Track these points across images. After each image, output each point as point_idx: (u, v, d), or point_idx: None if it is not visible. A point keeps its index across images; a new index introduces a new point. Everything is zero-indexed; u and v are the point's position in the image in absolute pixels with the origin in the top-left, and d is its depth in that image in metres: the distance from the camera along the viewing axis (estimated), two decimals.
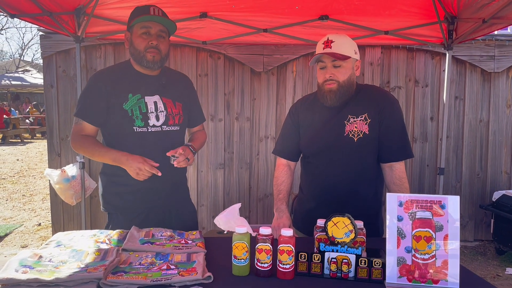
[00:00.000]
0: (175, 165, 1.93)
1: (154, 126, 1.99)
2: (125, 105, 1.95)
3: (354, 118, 1.94)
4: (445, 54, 3.48)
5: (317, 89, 2.01)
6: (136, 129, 1.96)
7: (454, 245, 1.35)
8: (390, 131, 1.94)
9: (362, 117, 1.93)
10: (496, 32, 4.28)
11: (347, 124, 1.93)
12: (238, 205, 1.59)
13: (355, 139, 1.91)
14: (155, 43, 1.96)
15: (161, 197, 2.06)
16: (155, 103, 2.00)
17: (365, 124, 1.91)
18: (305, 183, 2.16)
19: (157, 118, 1.99)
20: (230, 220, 1.53)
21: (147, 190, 2.02)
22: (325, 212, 1.61)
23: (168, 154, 1.92)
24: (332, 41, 1.88)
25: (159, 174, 1.88)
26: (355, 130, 1.92)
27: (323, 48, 1.89)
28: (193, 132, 2.30)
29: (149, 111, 1.98)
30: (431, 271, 1.35)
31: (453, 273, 1.34)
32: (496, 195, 4.36)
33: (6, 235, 4.89)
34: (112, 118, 1.98)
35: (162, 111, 2.01)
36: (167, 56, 2.04)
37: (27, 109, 18.10)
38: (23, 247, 4.49)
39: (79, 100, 2.04)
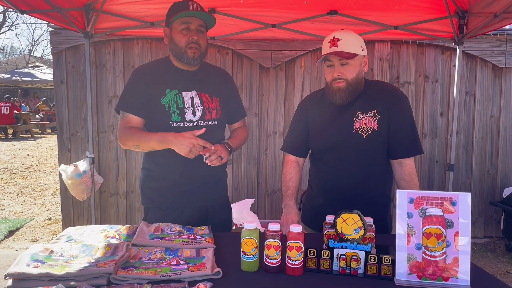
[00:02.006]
0: (208, 164, 1.92)
1: (190, 121, 1.98)
2: (162, 99, 1.96)
3: (363, 114, 1.92)
4: (456, 49, 3.44)
5: (326, 87, 1.99)
6: (173, 124, 1.96)
7: (465, 242, 1.34)
8: (399, 128, 1.92)
9: (371, 113, 1.92)
10: (507, 27, 4.22)
11: (356, 120, 1.92)
12: (251, 200, 1.60)
13: (364, 136, 1.90)
14: (196, 38, 1.96)
15: (197, 193, 2.05)
16: (192, 98, 2.00)
17: (374, 121, 1.90)
18: (314, 179, 2.15)
19: (194, 113, 1.99)
20: (243, 211, 1.55)
21: (184, 185, 2.02)
22: (333, 208, 1.60)
23: (201, 152, 1.90)
24: (338, 39, 1.85)
25: (212, 147, 1.87)
26: (364, 127, 1.90)
27: (330, 47, 1.87)
28: (234, 129, 2.27)
29: (186, 106, 1.98)
30: (441, 268, 1.34)
31: (464, 270, 1.33)
32: (507, 192, 4.32)
33: (17, 229, 4.95)
34: (151, 112, 1.98)
35: (199, 106, 2.01)
36: (206, 51, 2.04)
37: (37, 105, 18.24)
38: (34, 241, 4.55)
39: (122, 94, 2.03)
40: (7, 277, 1.29)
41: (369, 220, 1.56)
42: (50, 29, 4.38)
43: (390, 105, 1.92)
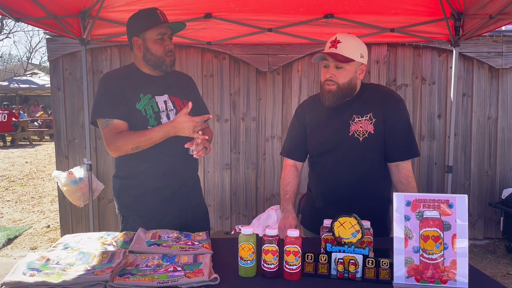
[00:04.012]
0: (194, 156, 1.94)
1: None
2: (138, 104, 1.97)
3: (359, 117, 1.92)
4: (452, 51, 3.44)
5: (320, 88, 2.00)
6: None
7: (462, 245, 1.34)
8: (395, 131, 1.92)
9: (367, 116, 1.92)
10: (503, 28, 4.23)
11: (352, 123, 1.92)
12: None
13: (361, 139, 1.90)
14: (172, 47, 2.03)
15: (177, 197, 2.07)
16: (165, 102, 2.04)
17: (370, 124, 1.90)
18: (313, 182, 2.15)
19: (168, 117, 2.01)
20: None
21: (164, 190, 2.03)
22: (333, 212, 1.59)
23: (186, 146, 1.93)
24: (339, 42, 1.86)
25: (211, 116, 1.99)
26: (360, 130, 1.91)
27: (329, 47, 1.88)
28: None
29: (161, 111, 2.01)
30: (439, 271, 1.34)
31: (462, 272, 1.33)
32: (506, 193, 4.31)
33: (16, 237, 4.93)
34: (127, 118, 1.99)
35: (172, 109, 2.04)
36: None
37: (37, 113, 18.20)
38: (32, 249, 4.53)
39: (97, 103, 1.99)
40: (3, 286, 1.29)
41: (367, 224, 1.55)
42: (47, 36, 4.38)
43: (385, 108, 1.92)
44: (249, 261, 1.44)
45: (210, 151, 2.05)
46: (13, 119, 14.44)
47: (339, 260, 1.44)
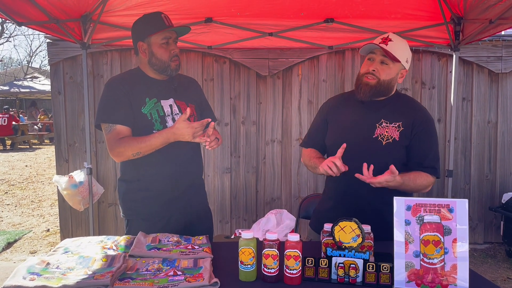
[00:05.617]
0: (207, 147, 1.92)
1: None
2: (143, 109, 1.98)
3: (387, 123, 1.93)
4: (452, 55, 3.45)
5: (356, 80, 2.00)
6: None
7: (463, 249, 1.34)
8: (423, 150, 1.93)
9: (396, 124, 1.93)
10: (503, 33, 4.24)
11: (379, 127, 1.93)
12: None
13: (384, 143, 1.90)
14: (177, 51, 2.03)
15: (182, 201, 2.07)
16: (171, 106, 2.04)
17: (397, 131, 1.91)
18: (329, 184, 2.14)
19: (173, 121, 2.00)
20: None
21: (168, 194, 2.04)
22: (347, 215, 1.58)
23: (198, 139, 1.91)
24: (390, 40, 1.89)
25: (209, 120, 1.90)
26: (385, 134, 1.91)
27: (380, 43, 1.90)
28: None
29: (166, 115, 2.01)
30: (439, 275, 1.34)
31: (463, 277, 1.33)
32: (506, 197, 4.31)
33: (15, 241, 4.92)
34: (133, 122, 1.99)
35: (177, 113, 2.04)
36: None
37: (38, 116, 18.22)
38: (32, 253, 4.52)
39: (102, 107, 2.00)
40: None
41: (367, 228, 1.55)
42: (48, 40, 4.40)
43: (417, 124, 1.93)
44: (249, 266, 1.44)
45: (221, 142, 2.05)
46: (13, 122, 14.45)
47: (340, 265, 1.44)
